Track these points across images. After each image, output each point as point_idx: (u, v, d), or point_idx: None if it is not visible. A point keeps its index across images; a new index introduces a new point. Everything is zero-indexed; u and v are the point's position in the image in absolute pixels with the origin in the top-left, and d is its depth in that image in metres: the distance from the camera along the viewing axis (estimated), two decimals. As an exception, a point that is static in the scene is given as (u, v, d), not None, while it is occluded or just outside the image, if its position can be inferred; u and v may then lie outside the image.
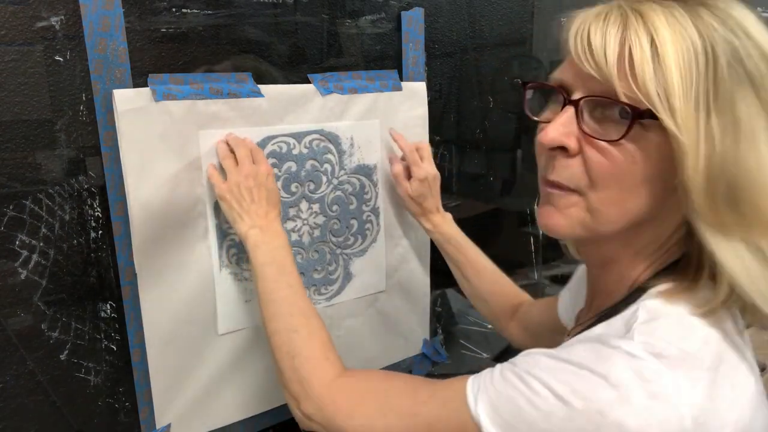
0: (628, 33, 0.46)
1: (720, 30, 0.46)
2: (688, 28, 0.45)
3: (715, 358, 0.47)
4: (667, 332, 0.47)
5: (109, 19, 0.68)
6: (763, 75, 0.46)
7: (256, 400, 0.88)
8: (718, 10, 0.47)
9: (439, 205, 0.93)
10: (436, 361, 1.10)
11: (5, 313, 0.69)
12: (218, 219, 0.79)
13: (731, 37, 0.45)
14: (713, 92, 0.45)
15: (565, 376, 0.46)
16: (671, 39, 0.45)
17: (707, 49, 0.45)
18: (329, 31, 0.88)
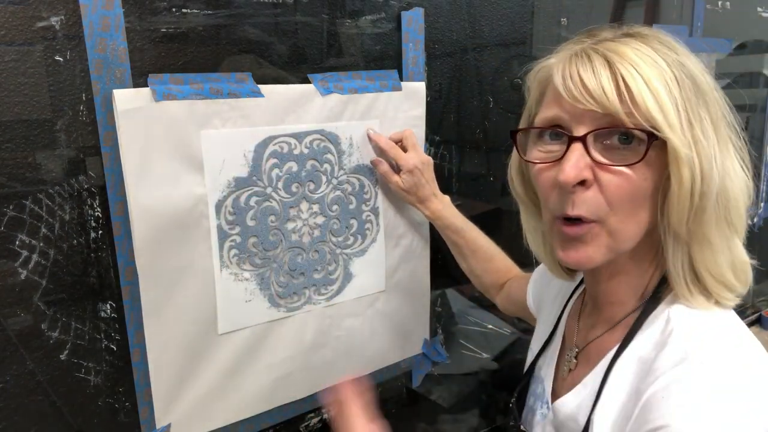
0: (615, 69, 0.51)
1: (673, 55, 0.53)
2: (654, 57, 0.52)
3: (751, 345, 0.53)
4: (710, 339, 0.52)
5: (109, 19, 0.68)
6: (709, 89, 0.54)
7: (256, 400, 0.88)
8: (663, 39, 0.54)
9: (436, 190, 0.93)
10: (436, 361, 1.10)
11: (5, 313, 0.68)
12: (219, 219, 0.79)
13: (683, 60, 0.53)
14: (689, 108, 0.51)
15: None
16: (650, 68, 0.51)
17: (674, 72, 0.52)
18: (329, 31, 0.88)
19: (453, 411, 1.19)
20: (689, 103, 0.51)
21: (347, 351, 0.97)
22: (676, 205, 0.52)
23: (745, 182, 0.54)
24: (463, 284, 1.16)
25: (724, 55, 1.55)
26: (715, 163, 0.51)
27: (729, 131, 0.54)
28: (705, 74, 0.53)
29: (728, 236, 0.54)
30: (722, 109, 0.54)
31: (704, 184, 0.51)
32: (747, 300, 1.88)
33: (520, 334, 1.26)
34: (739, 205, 0.54)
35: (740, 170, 0.54)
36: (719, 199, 0.52)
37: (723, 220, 0.53)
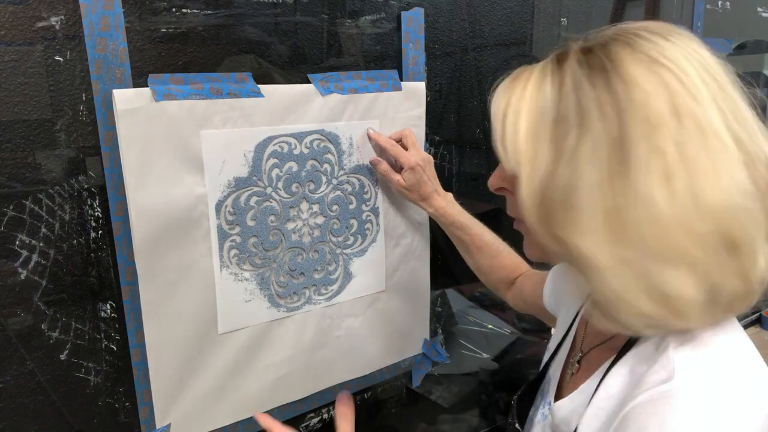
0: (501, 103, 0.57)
1: (568, 84, 0.52)
2: (538, 84, 0.53)
3: (745, 374, 0.50)
4: (701, 363, 0.49)
5: (109, 19, 0.68)
6: (606, 115, 0.50)
7: (256, 401, 0.88)
8: (570, 63, 0.53)
9: (438, 187, 0.93)
10: (436, 361, 1.10)
11: (5, 313, 0.69)
12: (219, 219, 0.79)
13: (576, 89, 0.51)
14: (541, 137, 0.52)
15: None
16: (519, 96, 0.55)
17: (545, 101, 0.53)
18: (329, 31, 0.88)
19: (453, 411, 1.19)
20: (545, 133, 0.52)
21: (347, 351, 0.97)
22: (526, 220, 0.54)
23: (683, 207, 0.47)
24: (463, 284, 1.16)
25: (724, 55, 1.55)
26: (564, 184, 0.50)
27: (653, 155, 0.48)
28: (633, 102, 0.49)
29: (640, 263, 0.48)
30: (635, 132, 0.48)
31: (535, 199, 0.52)
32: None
33: (520, 334, 1.26)
34: (662, 231, 0.47)
35: (683, 194, 0.47)
36: (607, 220, 0.48)
37: (621, 243, 0.48)
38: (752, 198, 0.48)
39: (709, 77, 0.49)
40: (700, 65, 0.50)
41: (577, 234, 0.50)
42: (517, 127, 0.53)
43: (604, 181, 0.48)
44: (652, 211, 0.47)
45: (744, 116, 0.50)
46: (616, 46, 0.51)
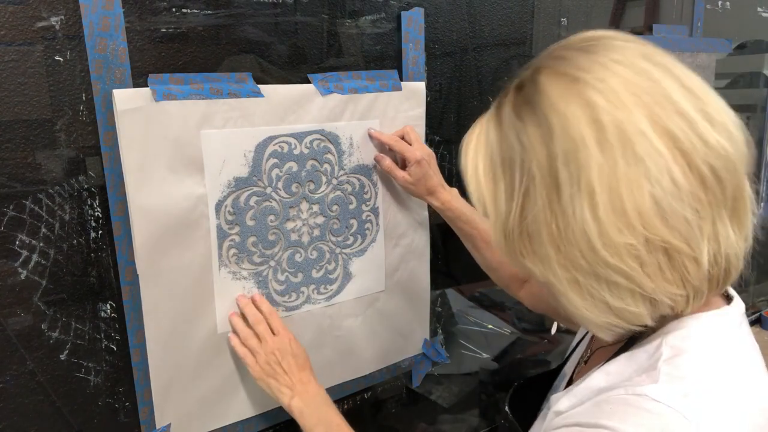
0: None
1: (505, 128, 0.55)
2: (486, 132, 0.57)
3: (737, 385, 0.51)
4: (691, 370, 0.50)
5: (109, 19, 0.68)
6: (537, 150, 0.52)
7: (256, 400, 0.88)
8: (506, 104, 0.55)
9: (443, 182, 0.93)
10: (436, 361, 1.10)
11: (5, 313, 0.69)
12: (219, 219, 0.79)
13: (513, 131, 0.54)
14: (495, 173, 0.55)
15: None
16: (469, 150, 0.59)
17: (490, 145, 0.56)
18: (329, 31, 0.88)
19: (453, 411, 1.19)
20: (498, 177, 0.55)
21: (347, 351, 0.97)
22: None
23: (607, 223, 0.48)
24: (463, 284, 1.16)
25: (724, 55, 1.55)
26: (517, 217, 0.53)
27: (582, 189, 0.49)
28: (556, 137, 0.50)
29: (585, 282, 0.51)
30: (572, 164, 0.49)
31: (501, 235, 0.56)
32: (747, 300, 1.88)
33: (520, 334, 1.26)
34: (593, 248, 0.49)
35: (605, 210, 0.48)
36: (554, 245, 0.51)
37: (568, 265, 0.51)
38: (687, 195, 0.48)
39: (631, 76, 0.49)
40: (622, 66, 0.50)
41: (535, 261, 0.54)
42: (479, 178, 0.57)
43: (546, 208, 0.51)
44: (584, 232, 0.49)
45: (680, 107, 0.49)
46: (540, 74, 0.53)
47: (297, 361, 0.79)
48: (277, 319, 0.82)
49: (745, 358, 0.54)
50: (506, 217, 0.54)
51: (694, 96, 0.50)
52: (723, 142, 0.49)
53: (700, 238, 0.49)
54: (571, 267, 0.51)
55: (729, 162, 0.49)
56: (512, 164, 0.53)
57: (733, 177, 0.50)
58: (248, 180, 0.81)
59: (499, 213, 0.55)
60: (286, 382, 0.78)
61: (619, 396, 0.51)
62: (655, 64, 0.51)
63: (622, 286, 0.50)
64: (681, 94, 0.49)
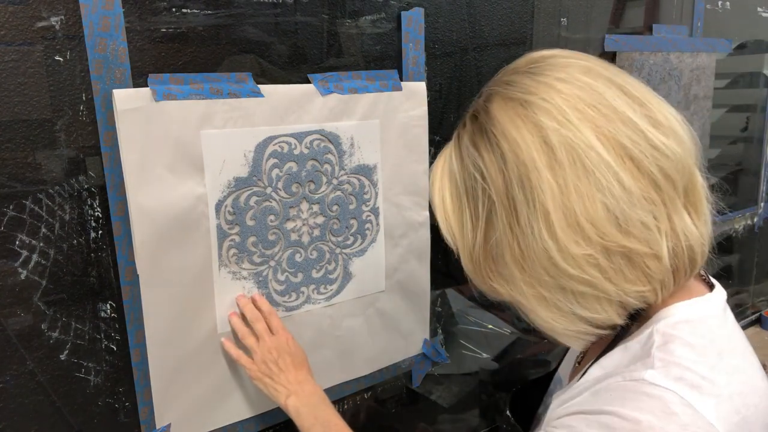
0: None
1: (469, 155, 0.56)
2: (449, 162, 0.59)
3: (727, 370, 0.52)
4: (683, 355, 0.51)
5: (109, 19, 0.68)
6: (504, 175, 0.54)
7: (256, 401, 0.88)
8: (464, 133, 0.58)
9: None
10: (436, 361, 1.10)
11: (5, 313, 0.69)
12: (219, 219, 0.79)
13: (474, 161, 0.56)
14: (460, 200, 0.57)
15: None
16: (437, 178, 0.60)
17: (455, 174, 0.58)
18: (329, 31, 0.88)
19: (453, 411, 1.19)
20: (463, 207, 0.57)
21: (347, 351, 0.97)
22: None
23: (563, 238, 0.51)
24: (463, 284, 1.16)
25: (724, 55, 1.55)
26: (482, 241, 0.56)
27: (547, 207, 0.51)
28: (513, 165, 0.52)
29: (552, 297, 0.54)
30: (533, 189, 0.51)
31: (469, 262, 0.59)
32: (747, 300, 1.88)
33: (520, 334, 1.26)
34: (554, 263, 0.51)
35: (560, 225, 0.50)
36: (517, 266, 0.54)
37: (533, 283, 0.54)
38: (639, 199, 0.50)
39: (576, 91, 0.52)
40: (565, 83, 0.52)
41: (501, 282, 0.57)
42: (446, 209, 0.59)
43: (507, 231, 0.53)
44: (544, 249, 0.51)
45: (624, 116, 0.51)
46: (492, 102, 0.55)
47: (294, 360, 0.79)
48: (276, 319, 0.82)
49: (732, 339, 0.56)
50: (472, 243, 0.57)
51: (638, 103, 0.52)
52: (670, 144, 0.51)
53: (658, 236, 0.51)
54: (536, 284, 0.53)
55: (677, 162, 0.51)
56: (474, 192, 0.55)
57: (683, 174, 0.52)
58: (248, 180, 0.81)
59: (466, 240, 0.58)
60: (282, 381, 0.78)
61: (617, 383, 0.52)
62: (597, 76, 0.53)
63: (587, 294, 0.52)
64: (624, 102, 0.52)
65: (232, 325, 0.82)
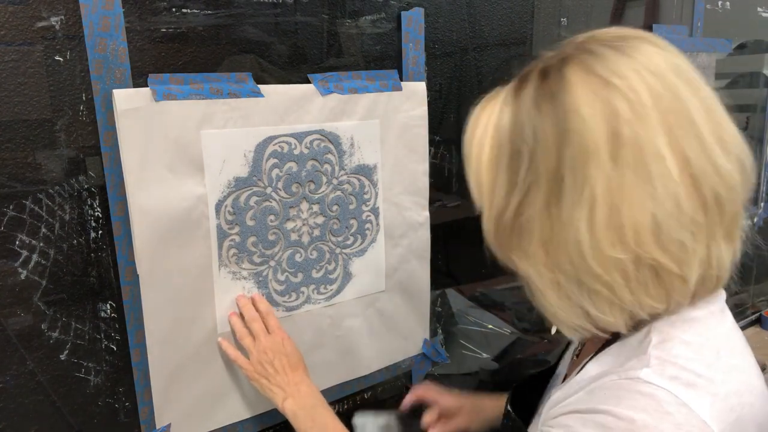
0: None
1: (509, 116, 0.53)
2: (499, 114, 0.54)
3: (723, 369, 0.51)
4: (680, 353, 0.51)
5: (109, 19, 0.68)
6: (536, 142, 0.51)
7: (256, 400, 0.88)
8: (527, 90, 0.53)
9: (483, 396, 0.92)
10: (436, 361, 1.10)
11: (5, 313, 0.69)
12: (219, 219, 0.79)
13: (517, 120, 0.52)
14: (496, 166, 0.54)
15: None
16: (473, 134, 0.56)
17: (493, 136, 0.54)
18: (329, 31, 0.88)
19: (453, 411, 1.18)
20: (502, 166, 0.53)
21: (347, 351, 0.97)
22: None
23: (601, 237, 0.48)
24: (463, 284, 1.16)
25: (724, 55, 1.55)
26: (513, 212, 0.53)
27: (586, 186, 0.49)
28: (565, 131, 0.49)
29: (567, 286, 0.52)
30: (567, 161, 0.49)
31: (492, 226, 0.56)
32: (747, 300, 1.88)
33: (520, 334, 1.26)
34: (582, 257, 0.49)
35: (602, 224, 0.48)
36: (543, 247, 0.52)
37: (553, 268, 0.52)
38: (687, 218, 0.48)
39: (663, 90, 0.48)
40: (656, 78, 0.49)
41: (522, 257, 0.54)
42: (480, 161, 0.56)
43: (543, 210, 0.51)
44: (577, 240, 0.49)
45: (699, 131, 0.48)
46: (569, 67, 0.51)
47: (290, 361, 0.79)
48: (273, 319, 0.82)
49: (730, 339, 0.55)
50: (502, 210, 0.54)
51: (714, 121, 0.50)
52: (733, 173, 0.49)
53: (692, 260, 0.50)
54: (555, 269, 0.52)
55: (735, 192, 0.50)
56: (520, 158, 0.52)
57: (733, 204, 0.50)
58: (248, 180, 0.81)
59: (495, 204, 0.55)
60: (278, 382, 0.78)
61: (612, 381, 0.51)
62: (685, 81, 0.50)
63: (602, 295, 0.51)
64: (703, 118, 0.49)
65: (231, 325, 0.82)
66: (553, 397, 0.60)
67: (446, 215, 1.07)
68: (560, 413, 0.54)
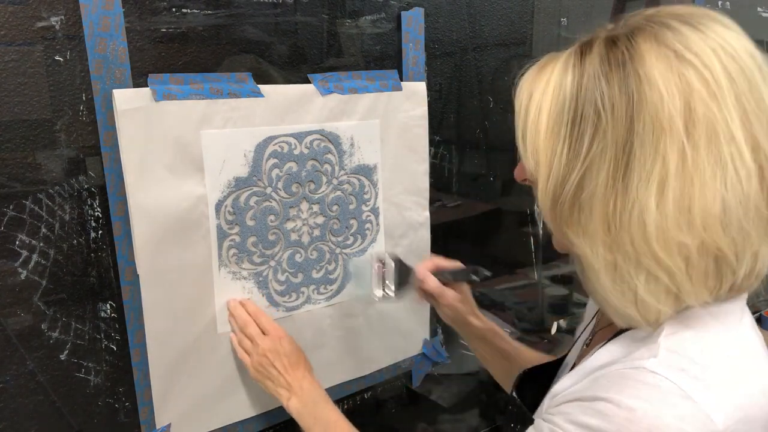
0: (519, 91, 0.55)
1: (574, 79, 0.50)
2: (560, 79, 0.51)
3: (734, 365, 0.50)
4: (690, 346, 0.49)
5: (109, 19, 0.68)
6: (618, 116, 0.48)
7: (256, 400, 0.88)
8: (592, 56, 0.50)
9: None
10: (436, 361, 1.10)
11: (5, 313, 0.69)
12: (219, 219, 0.79)
13: (586, 85, 0.49)
14: (561, 133, 0.51)
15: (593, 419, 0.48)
16: (543, 89, 0.53)
17: (557, 98, 0.51)
18: (329, 31, 0.88)
19: (453, 411, 1.19)
20: (563, 133, 0.51)
21: (347, 351, 0.97)
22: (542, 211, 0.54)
23: (669, 218, 0.46)
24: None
25: None
26: (575, 184, 0.50)
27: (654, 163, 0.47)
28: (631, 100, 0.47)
29: (624, 268, 0.49)
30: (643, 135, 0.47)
31: (549, 199, 0.52)
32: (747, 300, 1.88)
33: (520, 334, 1.26)
34: (646, 238, 0.47)
35: (672, 204, 0.46)
36: (604, 224, 0.49)
37: (612, 247, 0.49)
38: (753, 208, 0.47)
39: (738, 72, 0.46)
40: (731, 58, 0.47)
41: (579, 234, 0.51)
42: (539, 126, 0.52)
43: (608, 184, 0.48)
44: (642, 219, 0.47)
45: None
46: (640, 37, 0.48)
47: (290, 360, 0.79)
48: (265, 318, 0.81)
49: (746, 338, 0.54)
50: (561, 181, 0.51)
51: None
52: None
53: (746, 252, 0.48)
54: (615, 249, 0.49)
55: None
56: (584, 125, 0.49)
57: None
58: (248, 180, 0.81)
59: (554, 175, 0.51)
60: (282, 382, 0.78)
61: (617, 370, 0.50)
62: (758, 66, 0.48)
63: (661, 282, 0.48)
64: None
65: (232, 327, 0.82)
66: (557, 385, 0.58)
67: (446, 215, 1.07)
68: (563, 401, 0.53)
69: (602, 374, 0.52)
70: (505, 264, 1.21)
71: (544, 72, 0.54)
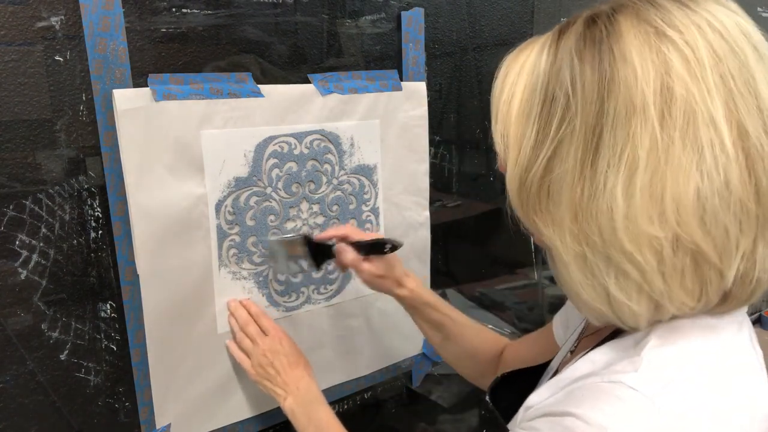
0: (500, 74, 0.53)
1: (557, 61, 0.47)
2: (536, 59, 0.49)
3: (723, 386, 0.46)
4: (677, 361, 0.46)
5: (109, 19, 0.68)
6: (590, 102, 0.45)
7: (256, 400, 0.88)
8: (569, 35, 0.48)
9: (405, 269, 0.84)
10: (436, 361, 1.10)
11: (5, 313, 0.69)
12: (219, 219, 0.79)
13: (568, 67, 0.46)
14: (533, 120, 0.48)
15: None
16: (518, 71, 0.51)
17: (534, 83, 0.49)
18: (329, 31, 0.88)
19: (453, 411, 1.19)
20: (533, 115, 0.48)
21: (347, 351, 0.97)
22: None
23: (638, 207, 0.43)
24: (463, 284, 1.16)
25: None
26: (542, 167, 0.47)
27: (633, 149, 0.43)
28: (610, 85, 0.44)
29: (593, 261, 0.46)
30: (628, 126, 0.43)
31: (516, 183, 0.50)
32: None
33: (520, 334, 1.26)
34: (615, 230, 0.44)
35: (641, 193, 0.43)
36: (572, 212, 0.46)
37: (580, 238, 0.46)
38: (736, 202, 0.42)
39: (726, 51, 0.43)
40: (719, 36, 0.43)
41: (548, 223, 0.48)
42: (510, 108, 0.50)
43: (576, 169, 0.45)
44: (609, 207, 0.44)
45: (764, 104, 0.43)
46: (621, 14, 0.45)
47: (289, 360, 0.79)
48: (266, 319, 0.81)
49: (742, 352, 0.49)
50: (529, 165, 0.48)
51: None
52: None
53: (734, 252, 0.44)
54: (583, 240, 0.46)
55: None
56: (554, 107, 0.46)
57: None
58: (248, 180, 0.81)
59: (522, 158, 0.49)
60: (279, 382, 0.78)
61: (594, 383, 0.46)
62: (753, 45, 0.44)
63: (630, 278, 0.45)
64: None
65: (232, 327, 0.82)
66: (533, 396, 0.55)
67: (446, 215, 1.07)
68: (535, 415, 0.50)
69: (578, 386, 0.48)
70: (505, 264, 1.21)
71: (522, 53, 0.52)
